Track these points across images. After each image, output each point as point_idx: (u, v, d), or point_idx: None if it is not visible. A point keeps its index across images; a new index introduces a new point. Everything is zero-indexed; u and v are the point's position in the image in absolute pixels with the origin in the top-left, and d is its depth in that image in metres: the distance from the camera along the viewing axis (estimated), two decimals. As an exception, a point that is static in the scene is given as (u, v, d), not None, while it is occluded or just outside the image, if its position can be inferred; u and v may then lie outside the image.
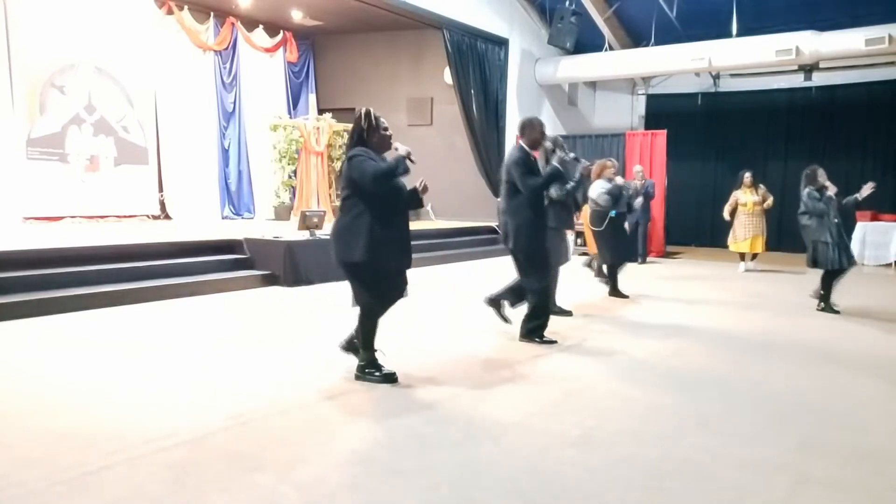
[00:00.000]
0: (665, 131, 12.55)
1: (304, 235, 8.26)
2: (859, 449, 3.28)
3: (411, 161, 4.06)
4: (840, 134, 13.12)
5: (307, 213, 8.44)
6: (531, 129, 5.21)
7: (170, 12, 11.39)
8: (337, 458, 3.04)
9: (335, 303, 7.06)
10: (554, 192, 5.88)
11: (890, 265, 11.08)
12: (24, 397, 3.79)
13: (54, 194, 10.02)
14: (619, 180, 7.65)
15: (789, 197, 11.81)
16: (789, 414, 3.81)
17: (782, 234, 11.56)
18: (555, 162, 5.11)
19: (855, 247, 11.40)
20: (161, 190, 11.53)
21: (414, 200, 4.22)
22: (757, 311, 7.08)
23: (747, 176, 10.33)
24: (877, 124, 12.78)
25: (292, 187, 12.55)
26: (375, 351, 4.19)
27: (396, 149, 4.17)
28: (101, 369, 4.37)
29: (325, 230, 8.85)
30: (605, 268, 7.93)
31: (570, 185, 6.11)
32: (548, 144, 5.26)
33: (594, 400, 3.97)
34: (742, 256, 10.57)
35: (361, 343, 4.18)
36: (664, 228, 12.66)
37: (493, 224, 9.97)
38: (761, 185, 10.44)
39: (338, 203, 13.76)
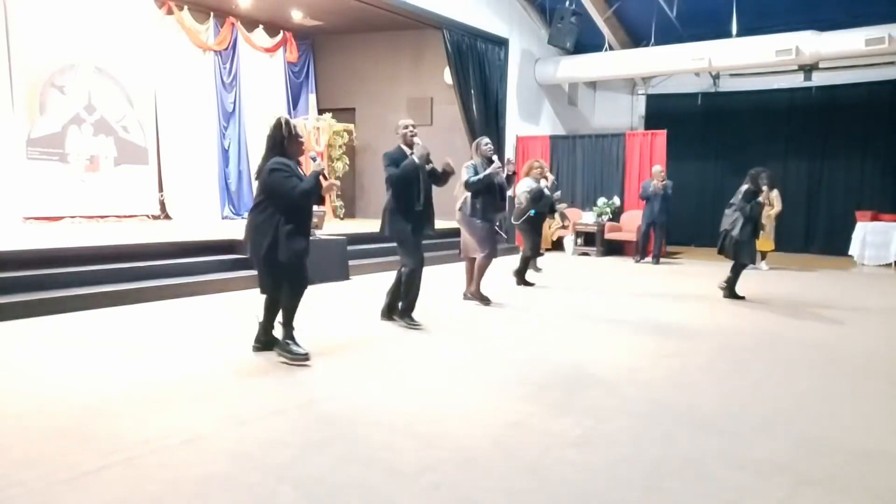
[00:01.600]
0: (665, 131, 12.55)
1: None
2: (859, 449, 3.28)
3: (325, 177, 4.55)
4: (840, 134, 13.12)
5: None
6: (398, 129, 5.78)
7: (170, 12, 11.39)
8: (336, 458, 3.03)
9: (335, 303, 7.07)
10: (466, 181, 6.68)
11: (890, 265, 11.08)
12: (24, 397, 3.79)
13: (54, 194, 10.02)
14: (543, 183, 8.28)
15: (789, 197, 11.84)
16: (789, 414, 3.81)
17: (783, 234, 11.54)
18: (415, 157, 5.59)
19: (855, 247, 11.44)
20: (161, 190, 11.53)
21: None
22: (757, 310, 7.08)
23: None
24: (877, 124, 12.77)
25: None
26: (294, 330, 4.62)
27: (314, 159, 4.63)
28: (101, 369, 4.37)
29: (325, 230, 8.87)
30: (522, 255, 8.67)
31: (478, 177, 6.67)
32: (417, 141, 5.75)
33: (594, 400, 3.97)
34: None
35: (284, 320, 4.62)
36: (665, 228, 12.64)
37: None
38: (774, 189, 10.39)
39: (338, 203, 13.76)
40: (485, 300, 6.99)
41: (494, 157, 6.88)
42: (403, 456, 3.07)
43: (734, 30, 12.06)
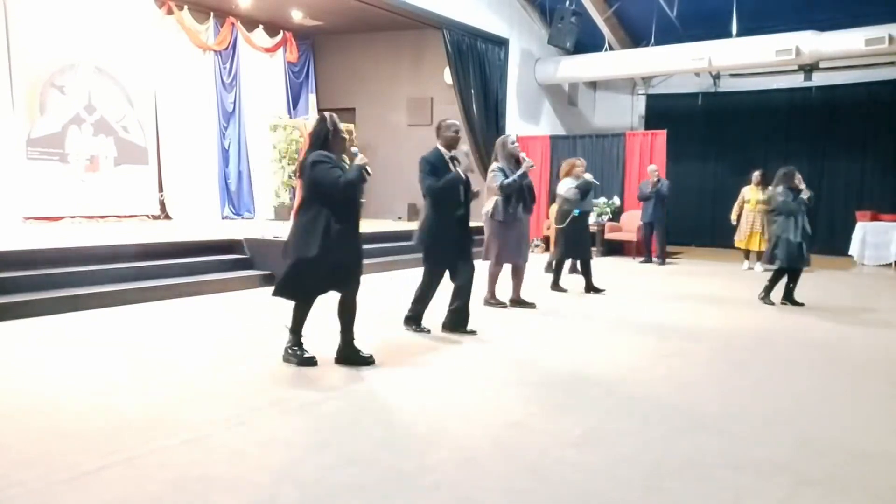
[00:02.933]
0: (665, 131, 12.54)
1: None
2: (859, 449, 3.28)
3: (367, 173, 4.37)
4: (840, 134, 13.12)
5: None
6: (446, 129, 5.45)
7: (170, 12, 11.38)
8: (337, 458, 3.03)
9: (334, 303, 7.06)
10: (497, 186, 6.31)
11: (890, 265, 11.08)
12: (24, 397, 3.79)
13: (54, 194, 10.01)
14: (587, 176, 7.83)
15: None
16: (789, 414, 3.81)
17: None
18: (460, 169, 5.36)
19: (855, 247, 11.44)
20: (161, 190, 11.52)
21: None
22: (757, 310, 7.08)
23: (756, 174, 10.44)
24: (877, 124, 12.78)
25: (292, 187, 12.53)
26: (302, 335, 4.53)
27: (356, 154, 4.46)
28: (100, 369, 4.37)
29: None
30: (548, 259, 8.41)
31: (510, 179, 6.35)
32: (464, 148, 5.55)
33: (594, 400, 3.97)
34: (746, 255, 10.61)
35: (292, 327, 4.50)
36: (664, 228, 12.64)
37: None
38: (770, 188, 10.43)
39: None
40: (501, 304, 6.81)
41: (523, 155, 6.48)
42: (403, 456, 3.07)
43: (734, 30, 12.05)
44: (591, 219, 12.39)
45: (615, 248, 12.64)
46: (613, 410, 3.78)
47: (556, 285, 7.98)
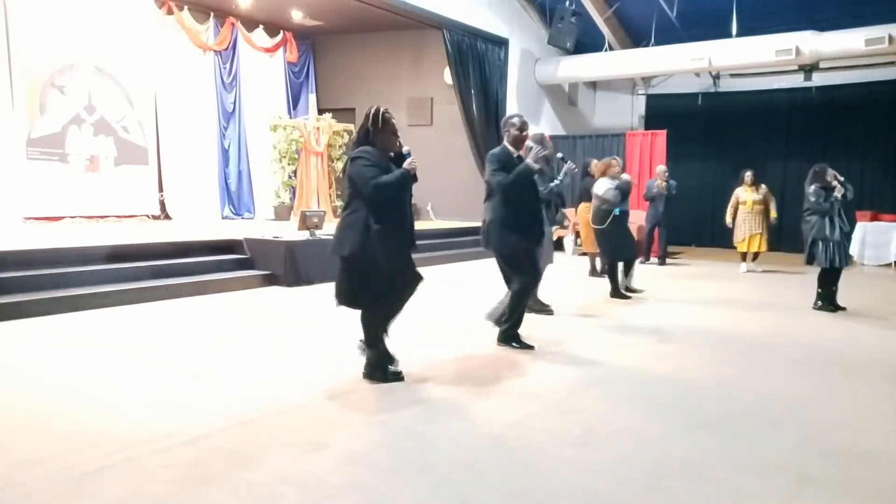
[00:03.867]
0: (665, 131, 12.56)
1: (304, 235, 8.25)
2: (859, 449, 3.28)
3: (414, 178, 4.07)
4: (840, 134, 13.12)
5: (307, 213, 8.43)
6: (510, 126, 5.06)
7: (170, 12, 11.39)
8: (337, 458, 3.03)
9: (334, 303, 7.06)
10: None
11: (890, 265, 11.08)
12: (23, 397, 3.79)
13: (54, 194, 10.01)
14: (624, 177, 7.58)
15: (789, 197, 11.84)
16: (789, 414, 3.81)
17: (783, 234, 11.55)
18: (529, 160, 4.87)
19: (855, 247, 11.42)
20: (161, 190, 11.53)
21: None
22: (757, 311, 7.08)
23: (748, 175, 10.37)
24: (877, 124, 12.78)
25: (292, 187, 12.55)
26: (386, 349, 4.19)
27: (407, 154, 4.11)
28: (100, 369, 4.37)
29: (325, 230, 8.86)
30: (599, 265, 7.90)
31: (555, 183, 6.13)
32: (528, 143, 5.11)
33: (594, 400, 3.97)
34: (743, 256, 10.58)
35: (366, 341, 4.17)
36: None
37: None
38: (763, 185, 10.45)
39: (338, 203, 13.78)
40: (547, 310, 6.53)
41: (560, 156, 6.04)
42: (403, 456, 3.07)
43: (734, 30, 12.06)
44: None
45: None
46: (613, 410, 3.78)
47: (616, 292, 7.58)
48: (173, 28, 11.51)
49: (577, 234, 12.63)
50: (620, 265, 7.71)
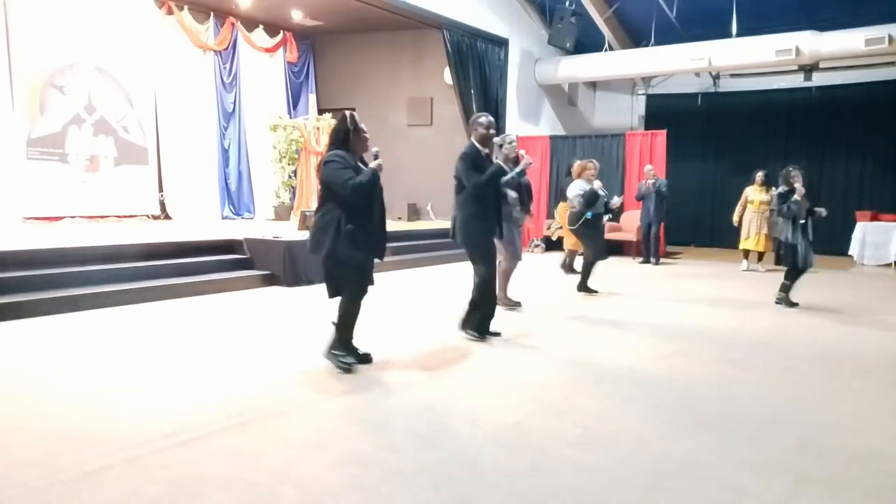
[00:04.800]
0: (665, 131, 12.54)
1: (304, 235, 8.23)
2: (859, 449, 3.28)
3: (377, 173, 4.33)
4: (840, 134, 13.13)
5: (307, 213, 8.43)
6: (478, 125, 5.34)
7: (170, 12, 11.39)
8: (337, 458, 3.03)
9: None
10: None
11: (890, 265, 11.08)
12: (23, 397, 3.79)
13: (54, 194, 10.01)
14: (597, 184, 7.78)
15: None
16: (789, 414, 3.81)
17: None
18: (499, 160, 5.28)
19: (855, 247, 11.44)
20: (161, 190, 11.53)
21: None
22: (757, 310, 7.07)
23: (759, 175, 10.43)
24: (877, 124, 12.78)
25: (292, 187, 12.55)
26: (352, 338, 4.48)
27: (375, 156, 4.38)
28: (100, 369, 4.37)
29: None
30: (569, 262, 8.51)
31: (510, 176, 6.16)
32: (496, 140, 5.44)
33: (594, 400, 3.97)
34: (746, 255, 10.61)
35: (339, 326, 4.45)
36: (664, 228, 12.65)
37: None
38: (774, 188, 10.41)
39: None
40: (513, 304, 6.77)
41: (522, 152, 6.32)
42: (403, 456, 3.07)
43: (734, 30, 12.06)
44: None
45: (615, 249, 12.61)
46: (613, 410, 3.78)
47: (584, 286, 7.86)
48: (173, 28, 11.51)
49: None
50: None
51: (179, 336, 5.41)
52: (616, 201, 8.16)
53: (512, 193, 6.41)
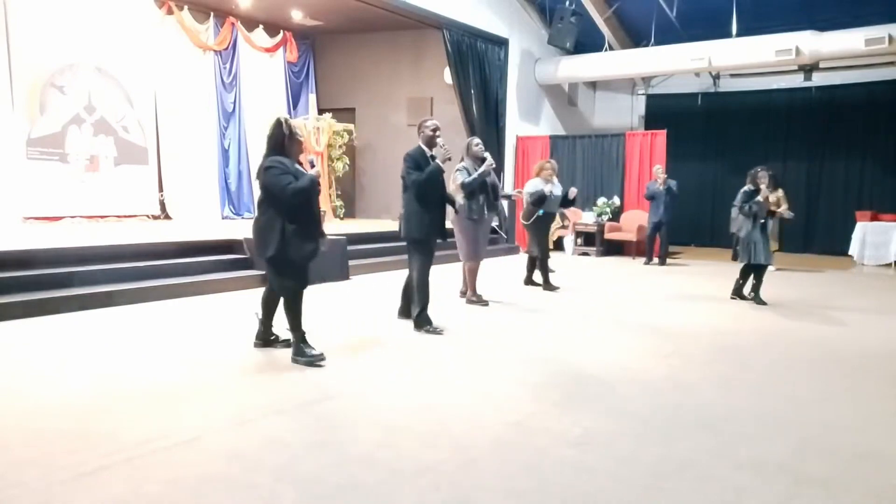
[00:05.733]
0: (665, 131, 12.54)
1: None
2: (859, 449, 3.28)
3: (318, 184, 4.59)
4: (840, 134, 13.12)
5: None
6: (425, 128, 5.75)
7: (170, 12, 11.38)
8: (336, 458, 3.03)
9: (334, 303, 7.07)
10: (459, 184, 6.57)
11: (890, 265, 11.08)
12: (24, 397, 3.79)
13: (54, 194, 10.01)
14: (548, 188, 8.02)
15: (789, 197, 11.81)
16: (789, 414, 3.81)
17: (782, 235, 11.54)
18: (439, 161, 5.59)
19: (855, 247, 11.44)
20: (161, 190, 11.52)
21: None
22: (756, 310, 7.08)
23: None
24: (877, 124, 12.77)
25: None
26: (305, 333, 4.63)
27: (312, 164, 4.66)
28: (101, 369, 4.37)
29: (326, 230, 8.85)
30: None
31: (473, 177, 6.62)
32: (439, 141, 5.73)
33: (594, 400, 3.97)
34: None
35: (290, 326, 4.60)
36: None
37: (493, 224, 10.02)
38: (779, 189, 10.34)
39: (338, 203, 13.74)
40: (482, 302, 6.96)
41: (486, 155, 6.76)
42: (403, 456, 3.07)
43: (734, 30, 12.05)
44: (591, 219, 12.46)
45: (615, 248, 12.65)
46: (613, 410, 3.78)
47: (530, 281, 8.36)
48: (173, 28, 11.50)
49: (577, 234, 12.67)
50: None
51: (179, 336, 5.41)
52: (573, 191, 8.36)
53: (459, 200, 6.61)
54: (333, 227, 10.27)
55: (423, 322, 5.66)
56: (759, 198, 7.25)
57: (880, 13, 10.63)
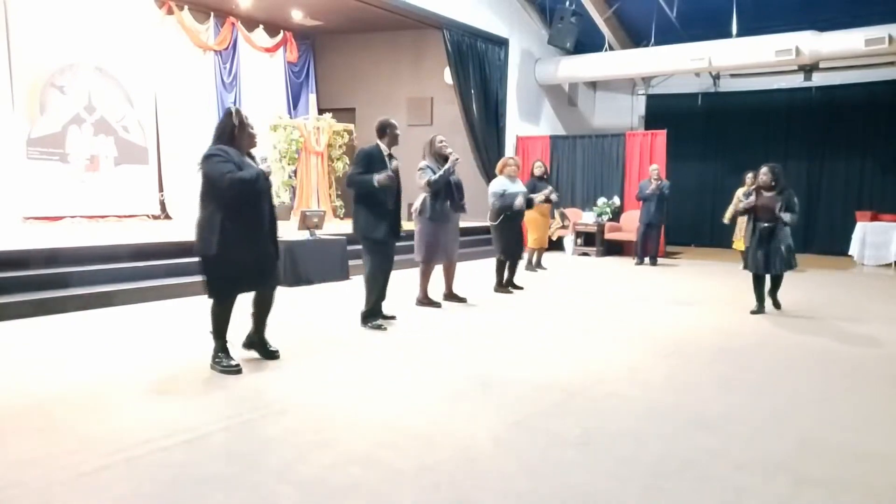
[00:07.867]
0: (665, 131, 12.54)
1: (304, 235, 8.25)
2: (859, 449, 3.28)
3: (267, 179, 4.36)
4: (840, 134, 13.12)
5: (307, 213, 8.44)
6: (391, 127, 6.00)
7: (170, 12, 11.39)
8: (337, 458, 3.03)
9: (334, 303, 7.07)
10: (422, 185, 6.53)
11: (890, 265, 11.08)
12: (24, 397, 3.79)
13: (54, 194, 10.02)
14: (517, 184, 7.90)
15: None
16: (789, 414, 3.81)
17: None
18: (391, 168, 5.76)
19: (855, 247, 11.42)
20: (161, 190, 11.53)
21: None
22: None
23: (749, 176, 10.40)
24: (877, 124, 12.77)
25: (292, 187, 12.55)
26: (226, 342, 4.43)
27: (263, 159, 4.45)
28: (101, 369, 4.37)
29: (326, 230, 8.86)
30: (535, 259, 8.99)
31: (437, 175, 6.53)
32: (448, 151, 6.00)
33: (594, 400, 3.97)
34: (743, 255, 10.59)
35: (214, 332, 4.37)
36: (664, 228, 12.64)
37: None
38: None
39: (338, 203, 13.72)
40: (434, 304, 6.77)
41: (449, 152, 6.58)
42: (403, 456, 3.07)
43: (734, 30, 12.05)
44: (591, 219, 12.45)
45: (615, 249, 12.64)
46: (613, 410, 3.77)
47: (500, 286, 7.83)
48: (173, 28, 11.51)
49: (578, 235, 12.67)
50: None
51: (179, 336, 5.41)
52: (547, 191, 8.36)
53: (416, 204, 6.62)
54: (333, 227, 10.26)
55: (368, 318, 5.77)
56: (744, 199, 6.88)
57: (880, 13, 10.64)
